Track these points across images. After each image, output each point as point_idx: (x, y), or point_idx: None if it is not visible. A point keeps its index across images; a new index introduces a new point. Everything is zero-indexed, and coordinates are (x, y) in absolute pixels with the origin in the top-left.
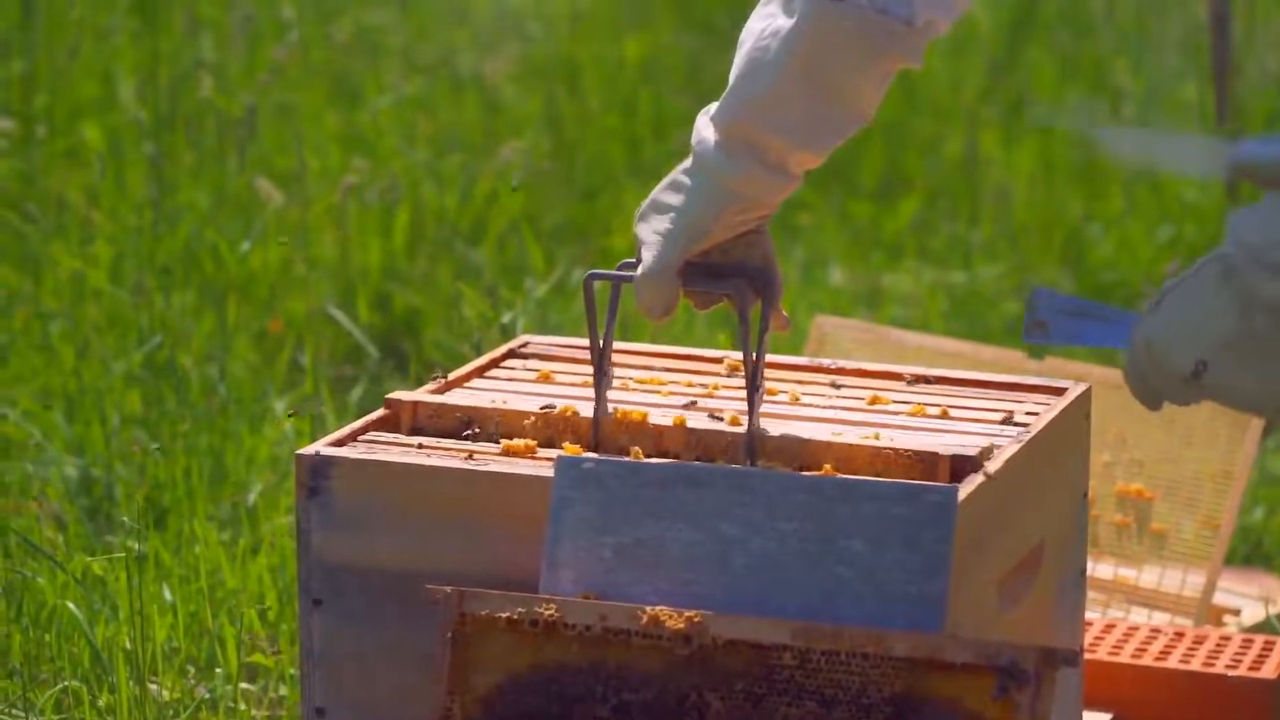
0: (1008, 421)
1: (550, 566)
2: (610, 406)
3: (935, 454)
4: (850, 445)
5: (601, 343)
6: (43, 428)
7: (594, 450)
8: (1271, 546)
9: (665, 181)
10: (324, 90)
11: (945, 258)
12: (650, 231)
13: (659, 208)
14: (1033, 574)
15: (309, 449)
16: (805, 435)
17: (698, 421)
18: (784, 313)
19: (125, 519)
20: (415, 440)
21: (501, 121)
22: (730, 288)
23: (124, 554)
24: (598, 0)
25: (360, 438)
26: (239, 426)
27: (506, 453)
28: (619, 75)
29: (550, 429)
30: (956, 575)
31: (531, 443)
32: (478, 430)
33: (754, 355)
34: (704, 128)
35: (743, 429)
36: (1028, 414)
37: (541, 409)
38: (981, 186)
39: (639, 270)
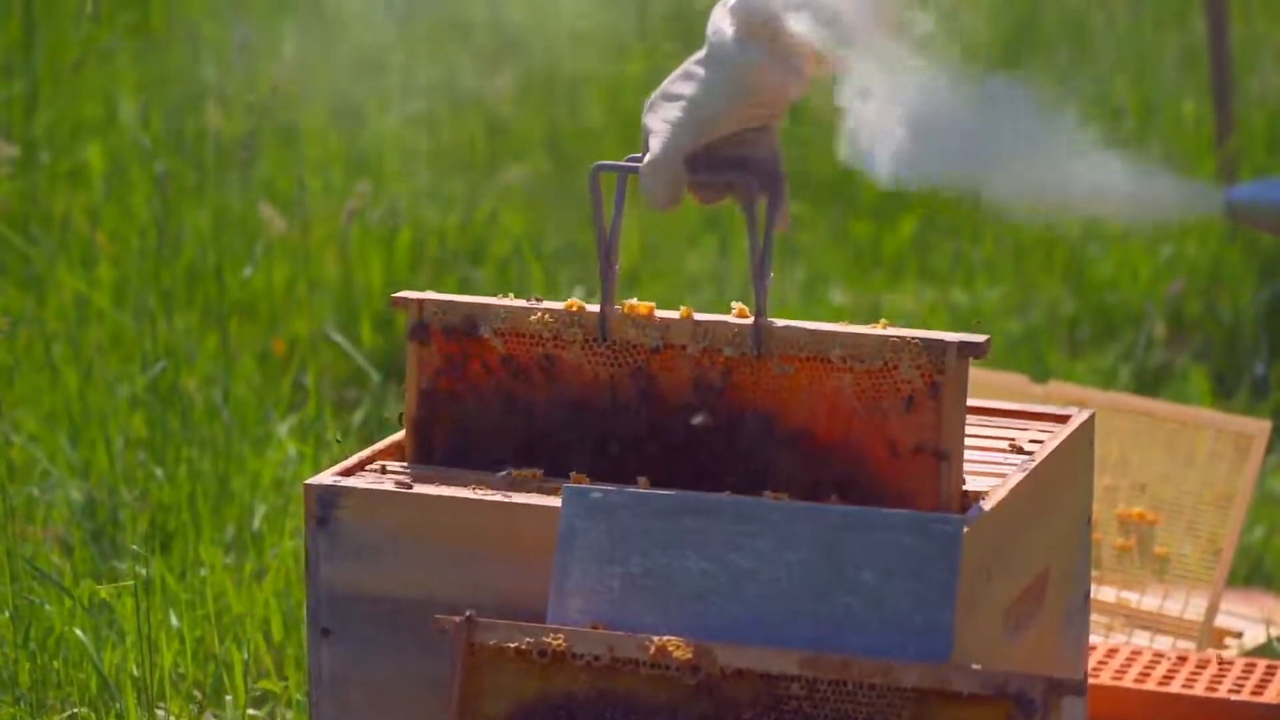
0: (1012, 450)
1: (558, 596)
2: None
3: (943, 341)
4: (858, 334)
5: (608, 236)
6: (48, 451)
7: (602, 340)
8: (1272, 566)
9: (677, 72)
10: (325, 110)
11: (946, 277)
12: (659, 120)
13: (669, 97)
14: (1039, 601)
15: (317, 479)
16: (812, 326)
17: (705, 313)
18: (788, 211)
19: (133, 547)
20: (425, 469)
21: (503, 142)
22: (736, 178)
23: (131, 580)
24: (598, 19)
25: (368, 466)
26: (243, 449)
27: (514, 481)
28: (620, 94)
29: (557, 323)
30: (963, 604)
31: (538, 472)
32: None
33: (760, 244)
34: (720, 19)
35: (750, 321)
36: (1032, 442)
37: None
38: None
39: (646, 158)
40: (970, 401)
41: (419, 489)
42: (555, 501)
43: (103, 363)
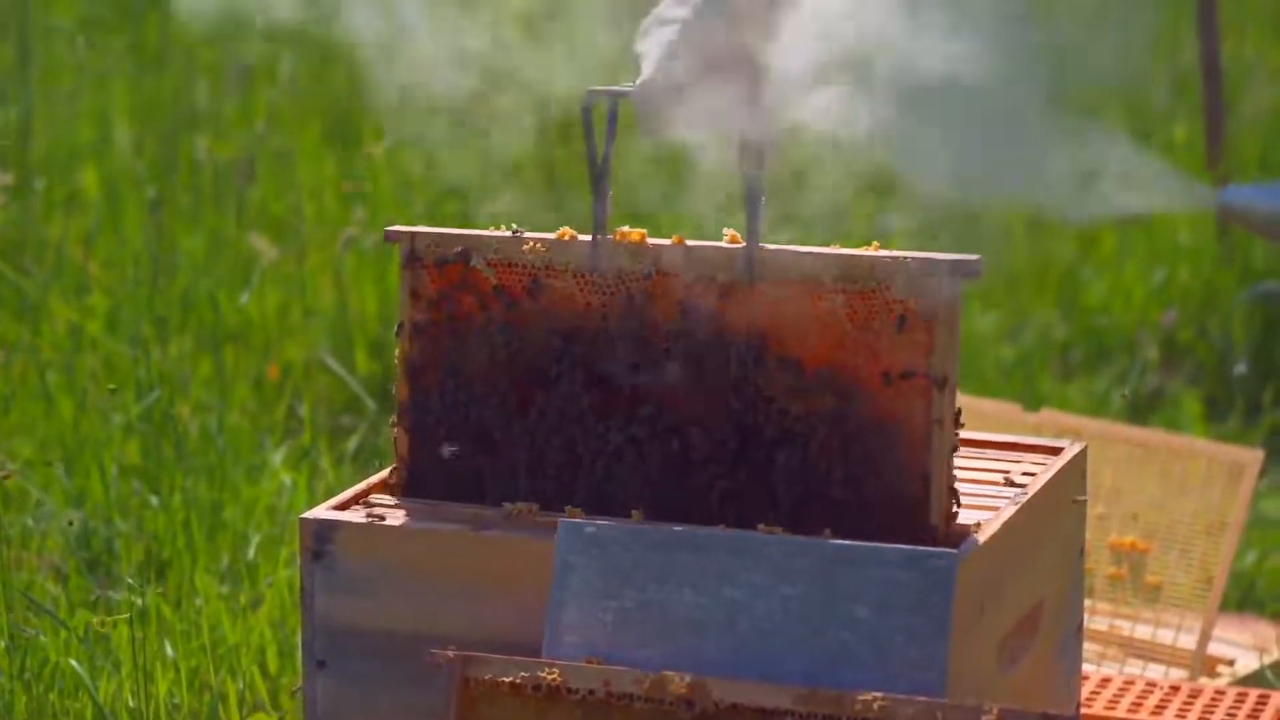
0: (1005, 483)
1: (553, 630)
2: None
3: (936, 260)
4: (850, 255)
5: (600, 164)
6: (42, 480)
7: (596, 271)
8: (1264, 591)
9: None
10: (320, 133)
11: None
12: (653, 44)
13: (663, 21)
14: (1032, 633)
15: (313, 513)
16: (804, 250)
17: (697, 240)
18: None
19: (128, 580)
20: (420, 503)
21: (497, 166)
22: (727, 98)
23: (127, 614)
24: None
25: (363, 500)
26: (237, 477)
27: (510, 515)
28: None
29: (549, 252)
30: (957, 638)
31: (534, 506)
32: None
33: (754, 170)
34: None
35: (742, 245)
36: (1025, 474)
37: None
38: (976, 229)
39: (639, 80)
40: (964, 434)
41: (414, 524)
42: (550, 537)
43: (97, 390)
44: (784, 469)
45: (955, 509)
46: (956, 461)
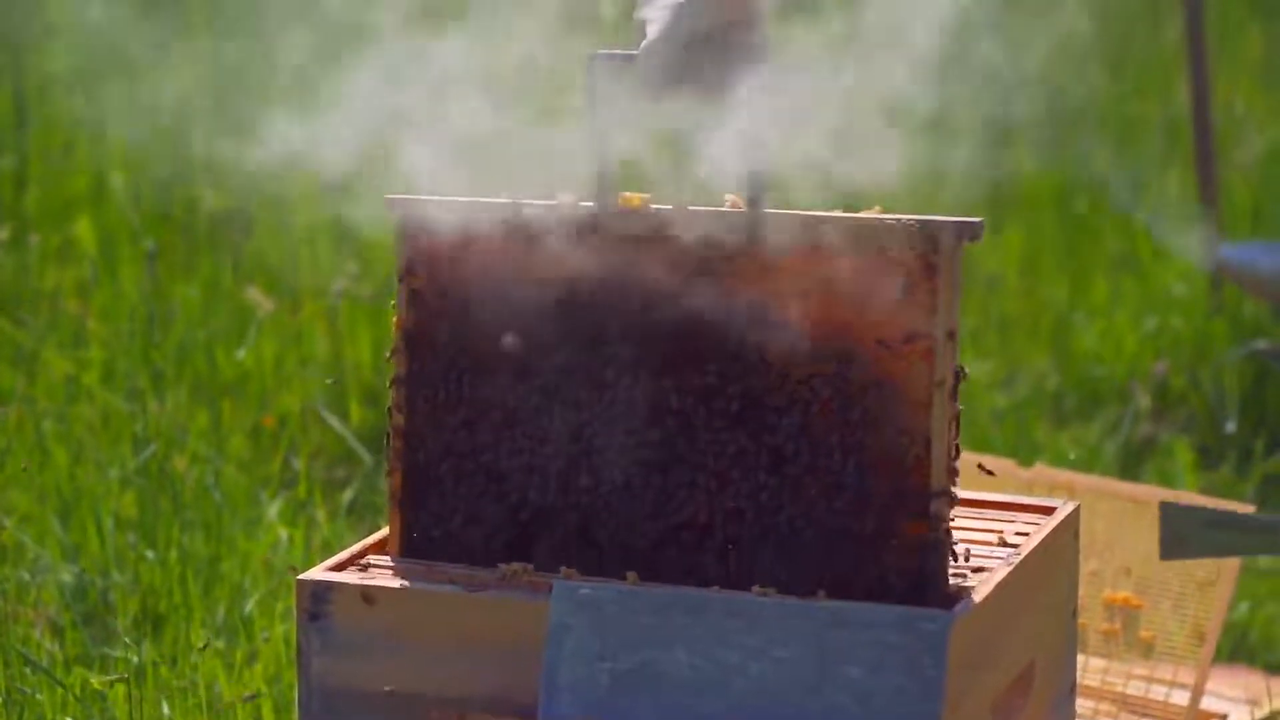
0: (999, 543)
1: (549, 691)
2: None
3: (938, 222)
4: (853, 219)
5: (601, 126)
6: (38, 533)
7: (595, 233)
8: (1257, 642)
9: None
10: (314, 181)
11: None
12: (656, 10)
13: None
14: (1025, 693)
15: (310, 574)
16: (806, 213)
17: (699, 205)
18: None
19: (125, 640)
20: (416, 563)
21: None
22: (731, 58)
23: (124, 674)
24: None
25: (359, 561)
26: (233, 530)
27: (505, 576)
28: None
29: (551, 217)
30: (951, 699)
31: (529, 566)
32: None
33: (753, 131)
34: None
35: (744, 209)
36: (1018, 534)
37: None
38: (968, 276)
39: (644, 42)
40: (959, 493)
41: (410, 585)
42: (545, 597)
43: (93, 441)
44: (785, 432)
45: (955, 470)
46: (952, 520)
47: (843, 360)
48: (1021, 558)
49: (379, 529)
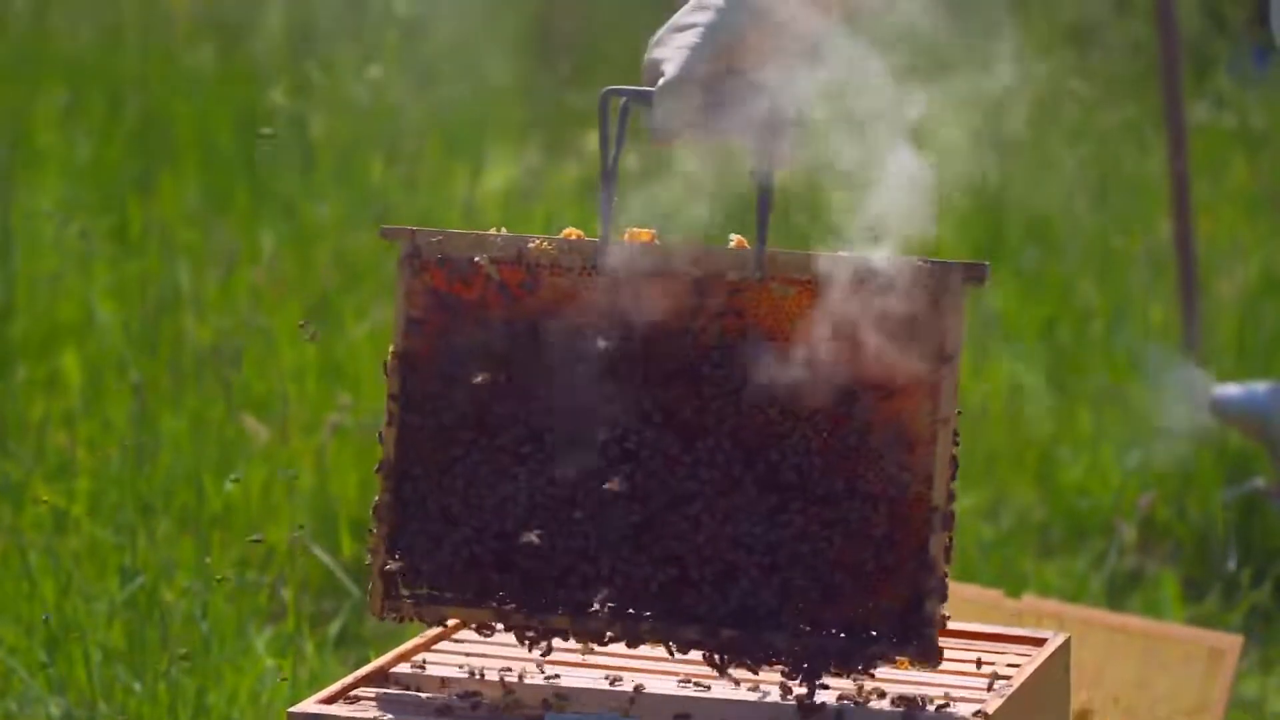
0: (989, 676)
1: None
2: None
3: (946, 264)
4: (862, 258)
5: (610, 164)
6: (25, 665)
7: (601, 268)
8: None
9: (687, 7)
10: (302, 315)
11: None
12: (672, 48)
13: (680, 28)
14: None
15: (300, 707)
16: (814, 252)
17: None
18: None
19: None
20: (406, 695)
21: None
22: (743, 99)
23: None
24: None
25: (350, 694)
26: (221, 664)
27: (497, 708)
28: None
29: (556, 250)
30: None
31: (518, 699)
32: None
33: (762, 172)
34: None
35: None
36: (1009, 666)
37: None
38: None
39: (661, 80)
40: (949, 624)
41: (399, 718)
42: None
43: (80, 573)
44: (787, 469)
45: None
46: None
47: (846, 397)
48: (1013, 690)
49: (367, 661)
